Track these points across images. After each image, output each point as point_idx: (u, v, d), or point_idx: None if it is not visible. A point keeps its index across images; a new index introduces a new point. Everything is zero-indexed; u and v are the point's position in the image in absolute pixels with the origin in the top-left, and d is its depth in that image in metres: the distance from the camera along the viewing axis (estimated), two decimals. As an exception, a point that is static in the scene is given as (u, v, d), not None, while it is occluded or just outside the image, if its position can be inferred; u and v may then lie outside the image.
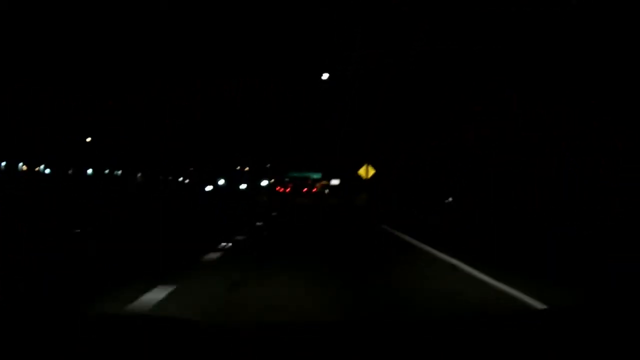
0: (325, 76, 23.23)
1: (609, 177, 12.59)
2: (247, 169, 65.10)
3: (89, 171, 43.62)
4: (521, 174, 16.21)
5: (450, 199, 22.91)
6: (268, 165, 62.67)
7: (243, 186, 60.24)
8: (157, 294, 4.62)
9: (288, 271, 6.19)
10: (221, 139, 43.61)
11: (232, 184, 61.54)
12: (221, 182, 61.04)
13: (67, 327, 1.57)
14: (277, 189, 57.66)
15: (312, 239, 10.66)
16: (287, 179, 58.83)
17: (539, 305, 4.90)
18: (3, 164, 36.08)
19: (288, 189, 56.20)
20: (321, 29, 20.62)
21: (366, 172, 29.14)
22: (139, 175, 51.31)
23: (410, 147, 24.54)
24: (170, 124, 35.34)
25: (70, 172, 39.93)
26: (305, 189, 56.10)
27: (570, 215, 12.78)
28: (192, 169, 58.94)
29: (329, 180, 59.56)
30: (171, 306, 4.32)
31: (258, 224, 13.36)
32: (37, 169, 40.20)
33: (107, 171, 47.06)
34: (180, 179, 58.84)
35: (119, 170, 49.99)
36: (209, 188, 53.34)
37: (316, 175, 59.95)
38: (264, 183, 61.92)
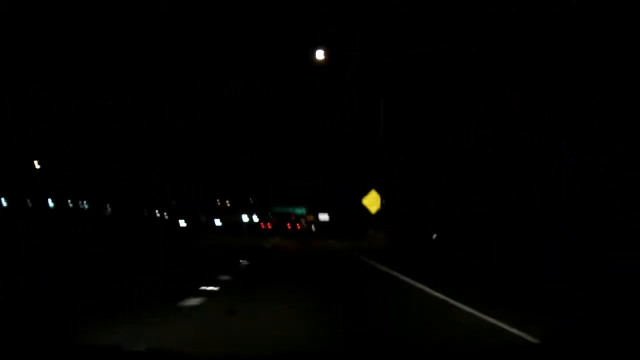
0: (320, 55, 20.57)
1: (609, 177, 12.58)
2: (228, 203, 60.70)
3: (50, 203, 37.19)
4: (521, 174, 16.21)
5: None
6: (251, 200, 59.03)
7: (218, 223, 55.86)
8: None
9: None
10: (214, 151, 42.99)
11: (208, 219, 56.75)
12: (203, 218, 56.63)
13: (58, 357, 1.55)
14: (261, 226, 54.57)
15: None
16: (270, 215, 55.67)
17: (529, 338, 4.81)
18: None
19: (270, 225, 53.25)
20: (321, 29, 20.64)
21: (376, 201, 23.23)
22: (108, 209, 44.99)
23: (410, 147, 24.54)
24: (170, 124, 35.31)
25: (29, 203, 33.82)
26: (289, 225, 52.82)
27: (570, 216, 12.78)
28: (173, 202, 53.17)
29: (315, 214, 54.74)
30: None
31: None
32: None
33: (71, 203, 40.22)
34: (158, 214, 52.61)
35: (84, 201, 42.52)
36: (183, 224, 50.17)
37: (300, 210, 56.11)
38: (245, 218, 57.82)
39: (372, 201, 23.74)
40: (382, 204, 23.77)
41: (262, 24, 21.09)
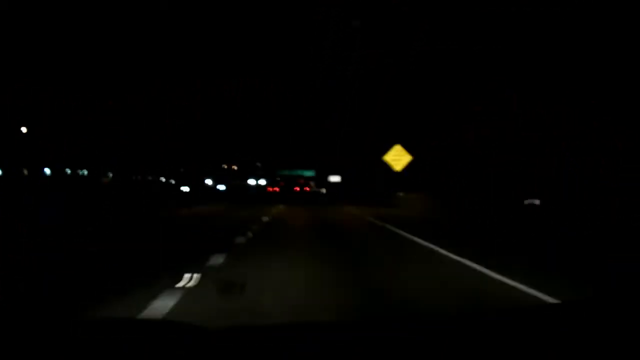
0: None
1: (609, 177, 12.59)
2: (234, 167, 60.04)
3: (47, 171, 36.48)
4: (521, 174, 16.21)
5: None
6: (258, 164, 58.49)
7: (222, 187, 53.30)
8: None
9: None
10: (219, 137, 42.88)
11: (213, 184, 55.45)
12: (209, 181, 55.74)
13: (65, 331, 1.55)
14: (268, 189, 53.28)
15: None
16: (277, 178, 54.28)
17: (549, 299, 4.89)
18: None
19: (277, 188, 51.78)
20: (321, 29, 20.65)
21: (401, 157, 19.83)
22: (110, 175, 44.14)
23: (410, 147, 24.55)
24: (170, 124, 35.35)
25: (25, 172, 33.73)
26: (297, 188, 51.19)
27: (571, 216, 12.78)
28: (182, 169, 53.48)
29: (325, 177, 53.24)
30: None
31: None
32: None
33: (69, 170, 39.57)
34: (163, 179, 52.98)
35: (83, 169, 41.65)
36: (185, 189, 49.55)
37: (309, 173, 54.47)
38: (252, 182, 56.77)
39: (395, 157, 20.02)
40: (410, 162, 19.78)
41: (262, 24, 21.09)
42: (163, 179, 52.53)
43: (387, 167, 21.04)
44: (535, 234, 11.55)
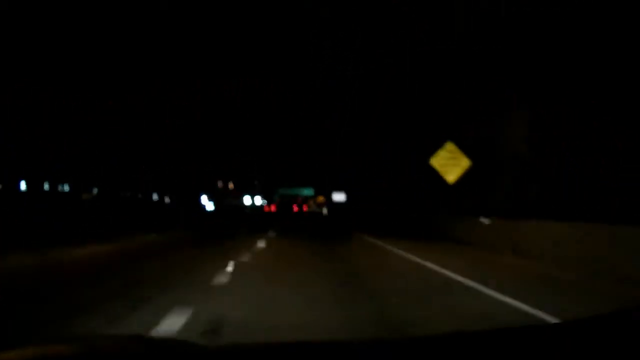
0: None
1: (609, 177, 12.58)
2: (231, 185, 57.54)
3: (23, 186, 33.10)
4: (521, 174, 16.21)
5: None
6: (256, 182, 56.65)
7: (210, 207, 50.16)
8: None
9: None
10: (217, 145, 42.43)
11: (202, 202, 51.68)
12: (205, 200, 53.20)
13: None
14: (265, 209, 50.86)
15: None
16: (275, 196, 52.46)
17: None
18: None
19: (274, 208, 49.53)
20: (321, 29, 20.65)
21: (457, 162, 12.21)
22: (95, 191, 40.44)
23: (410, 147, 24.54)
24: (170, 124, 35.33)
25: None
26: (296, 207, 49.00)
27: (570, 216, 12.78)
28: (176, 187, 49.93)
29: (325, 195, 49.07)
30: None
31: None
32: None
33: (47, 186, 35.65)
34: (155, 197, 49.18)
35: (64, 183, 37.67)
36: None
37: (307, 191, 52.02)
38: (247, 201, 53.86)
39: (447, 162, 12.40)
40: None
41: (262, 24, 21.09)
42: (155, 196, 49.35)
43: (430, 176, 12.35)
44: None
